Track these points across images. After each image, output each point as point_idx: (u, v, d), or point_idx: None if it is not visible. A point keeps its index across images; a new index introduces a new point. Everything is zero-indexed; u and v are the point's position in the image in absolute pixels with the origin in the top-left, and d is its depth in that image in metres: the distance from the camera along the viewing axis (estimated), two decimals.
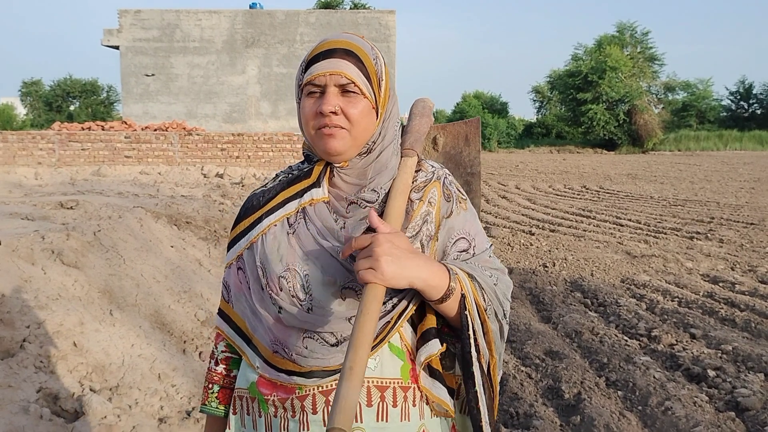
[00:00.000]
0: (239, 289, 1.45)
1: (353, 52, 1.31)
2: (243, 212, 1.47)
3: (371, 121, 1.33)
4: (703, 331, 5.47)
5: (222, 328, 1.49)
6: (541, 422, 3.87)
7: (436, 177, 1.42)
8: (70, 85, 50.32)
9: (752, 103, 54.70)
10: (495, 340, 1.32)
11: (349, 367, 1.10)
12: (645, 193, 17.33)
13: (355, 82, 1.29)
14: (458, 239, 1.39)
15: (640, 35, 46.47)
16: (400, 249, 1.18)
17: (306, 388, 1.32)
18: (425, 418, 1.35)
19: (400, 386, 1.32)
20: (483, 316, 1.30)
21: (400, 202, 1.32)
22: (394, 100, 1.41)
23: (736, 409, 3.99)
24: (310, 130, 1.33)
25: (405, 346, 1.34)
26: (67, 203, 6.76)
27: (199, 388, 3.99)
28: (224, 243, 7.23)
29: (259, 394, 1.39)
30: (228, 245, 1.50)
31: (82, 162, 16.28)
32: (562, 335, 5.57)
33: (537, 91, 54.82)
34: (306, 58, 1.35)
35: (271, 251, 1.36)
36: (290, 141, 16.96)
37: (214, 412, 1.52)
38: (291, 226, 1.37)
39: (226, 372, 1.52)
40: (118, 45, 25.58)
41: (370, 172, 1.35)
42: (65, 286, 4.23)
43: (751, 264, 8.16)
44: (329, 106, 1.28)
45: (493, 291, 1.33)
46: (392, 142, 1.39)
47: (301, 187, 1.39)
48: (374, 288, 1.16)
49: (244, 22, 25.79)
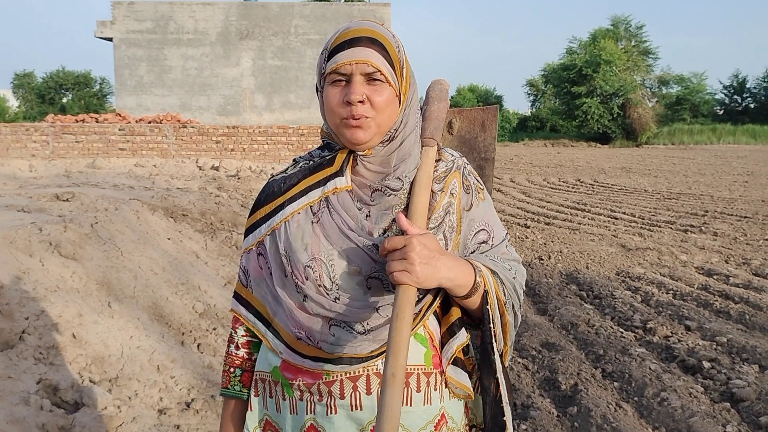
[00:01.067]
0: (260, 274, 1.46)
1: (378, 41, 1.31)
2: (263, 198, 1.47)
3: (395, 108, 1.34)
4: (698, 323, 5.51)
5: (240, 312, 1.50)
6: (538, 413, 3.90)
7: (456, 167, 1.44)
8: (62, 77, 50.00)
9: (746, 97, 54.81)
10: (510, 330, 1.39)
11: (391, 374, 1.15)
12: (639, 186, 17.39)
13: (381, 70, 1.30)
14: (478, 231, 1.43)
15: (634, 29, 46.48)
16: (431, 251, 1.23)
17: (333, 374, 1.35)
18: (444, 400, 1.39)
19: (423, 372, 1.37)
20: (502, 309, 1.36)
21: (423, 197, 1.34)
22: (415, 87, 1.41)
23: (731, 400, 4.03)
24: (336, 119, 1.33)
25: (428, 334, 1.39)
26: (62, 195, 6.74)
27: (197, 380, 4.00)
28: (220, 235, 7.23)
29: (283, 378, 1.41)
30: (246, 231, 1.50)
31: (76, 154, 16.22)
32: (558, 327, 5.60)
33: (531, 84, 54.77)
34: (329, 47, 1.34)
35: (296, 239, 1.37)
36: (285, 134, 16.93)
37: (238, 395, 1.52)
38: (315, 215, 1.37)
39: (248, 356, 1.52)
40: (112, 37, 25.42)
41: (393, 160, 1.36)
42: (63, 277, 4.23)
43: (745, 257, 8.22)
44: (357, 95, 1.28)
45: (512, 285, 1.39)
46: (414, 130, 1.40)
47: (324, 176, 1.39)
48: (407, 290, 1.21)
49: (238, 14, 25.67)
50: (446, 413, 1.39)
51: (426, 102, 1.58)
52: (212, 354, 4.49)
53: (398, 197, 1.35)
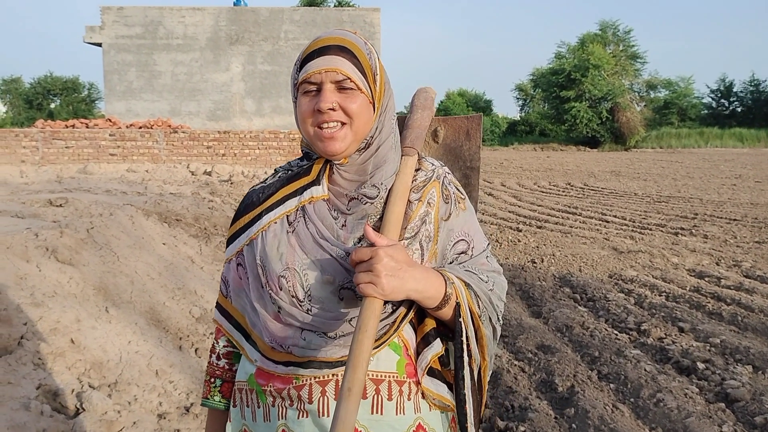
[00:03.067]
0: (239, 284, 1.46)
1: (347, 48, 1.31)
2: (243, 208, 1.47)
3: (369, 115, 1.34)
4: (691, 324, 5.56)
5: (221, 323, 1.51)
6: (536, 415, 3.92)
7: (436, 176, 1.43)
8: (50, 82, 49.79)
9: (732, 101, 55.35)
10: (488, 344, 1.37)
11: (347, 388, 1.13)
12: (629, 189, 17.49)
13: (350, 77, 1.29)
14: (457, 241, 1.41)
15: (622, 33, 46.85)
16: (398, 262, 1.22)
17: (303, 378, 1.33)
18: (422, 411, 1.37)
19: (395, 380, 1.35)
20: (477, 323, 1.34)
21: (399, 207, 1.33)
22: (390, 93, 1.41)
23: (726, 401, 4.08)
24: (308, 128, 1.33)
25: (403, 342, 1.37)
26: (56, 201, 6.71)
27: (196, 384, 4.00)
28: (215, 240, 7.22)
29: (257, 385, 1.40)
30: (227, 241, 1.50)
31: (66, 160, 16.14)
32: (553, 330, 5.63)
33: (520, 89, 55.07)
34: (300, 57, 1.34)
35: (271, 249, 1.37)
36: (276, 139, 16.93)
37: (216, 406, 1.53)
38: (291, 225, 1.37)
39: (228, 366, 1.53)
40: (101, 42, 25.35)
41: (369, 167, 1.36)
42: (60, 283, 4.23)
43: (736, 259, 8.29)
44: (327, 103, 1.28)
45: (488, 297, 1.37)
46: (390, 136, 1.39)
47: (301, 185, 1.39)
48: (372, 303, 1.20)
49: (228, 19, 25.67)
50: (424, 424, 1.37)
51: (410, 110, 1.58)
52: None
53: (374, 206, 1.35)
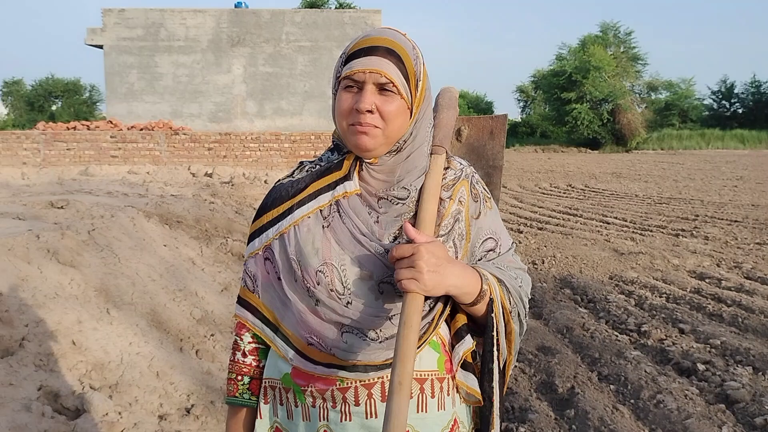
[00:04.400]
0: (267, 279, 1.44)
1: (395, 52, 1.31)
2: (270, 202, 1.45)
3: (404, 120, 1.34)
4: (692, 326, 5.56)
5: (246, 318, 1.48)
6: (536, 416, 3.93)
7: (464, 175, 1.45)
8: (52, 84, 49.84)
9: (734, 103, 55.34)
10: (515, 339, 1.41)
11: (398, 382, 1.15)
12: (630, 191, 17.49)
13: (393, 82, 1.30)
14: (486, 239, 1.44)
15: (623, 35, 46.83)
16: (438, 258, 1.24)
17: (347, 381, 1.34)
18: (456, 405, 1.41)
19: (436, 377, 1.38)
20: (507, 318, 1.38)
21: (432, 205, 1.35)
22: (429, 101, 1.41)
23: (726, 402, 4.08)
24: (344, 124, 1.34)
25: (440, 339, 1.40)
26: (57, 203, 6.73)
27: (197, 386, 4.01)
28: (216, 242, 7.23)
29: (294, 385, 1.40)
30: (251, 235, 1.48)
31: (68, 162, 16.15)
32: (554, 331, 5.64)
33: (521, 90, 55.12)
34: (347, 52, 1.35)
35: (306, 244, 1.36)
36: (277, 141, 16.93)
37: (247, 403, 1.50)
38: (325, 219, 1.37)
39: (256, 363, 1.50)
40: (102, 44, 25.37)
41: (399, 171, 1.36)
42: (62, 284, 4.24)
43: (736, 260, 8.29)
44: (366, 104, 1.29)
45: (518, 293, 1.41)
46: (423, 144, 1.40)
47: (333, 179, 1.39)
48: (415, 298, 1.22)
49: (229, 21, 25.68)
50: (458, 418, 1.41)
51: (435, 110, 1.58)
52: (210, 360, 4.50)
53: (406, 205, 1.36)
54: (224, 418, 3.75)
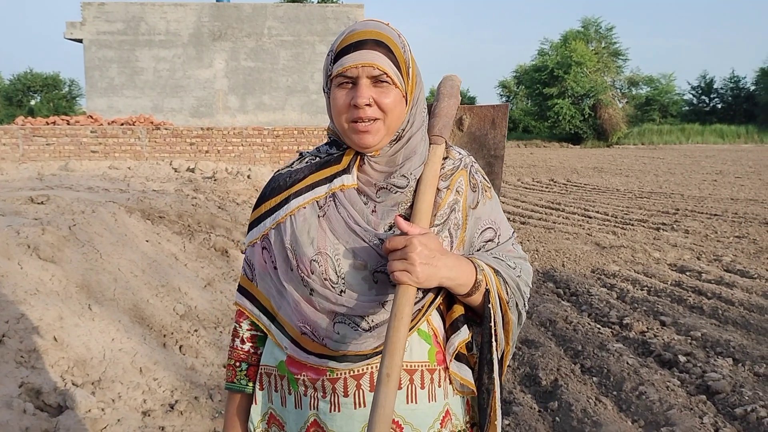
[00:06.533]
0: (264, 268, 1.46)
1: (384, 43, 1.32)
2: (268, 192, 1.46)
3: (402, 109, 1.35)
4: (673, 318, 5.62)
5: (244, 305, 1.50)
6: (520, 408, 3.95)
7: (463, 165, 1.45)
8: (31, 79, 49.24)
9: (713, 98, 55.90)
10: (513, 329, 1.40)
11: (386, 374, 1.15)
12: (611, 185, 17.63)
13: (387, 73, 1.30)
14: (485, 229, 1.44)
15: (604, 30, 47.13)
16: (431, 251, 1.24)
17: (337, 372, 1.35)
18: (448, 397, 1.41)
19: (427, 369, 1.38)
20: (504, 308, 1.37)
21: (428, 195, 1.35)
22: (421, 86, 1.42)
23: (707, 393, 4.13)
24: (343, 122, 1.34)
25: (432, 330, 1.40)
26: (37, 198, 6.64)
27: (181, 381, 3.98)
28: (199, 237, 7.18)
29: (289, 373, 1.41)
30: (250, 224, 1.49)
31: (48, 157, 15.97)
32: (537, 324, 5.67)
33: (504, 85, 55.23)
34: (335, 49, 1.34)
35: (302, 233, 1.37)
36: (260, 135, 16.85)
37: (245, 389, 1.52)
38: (321, 209, 1.38)
39: (253, 350, 1.52)
40: (82, 38, 25.08)
41: (400, 158, 1.37)
42: (43, 280, 4.19)
43: (716, 253, 8.39)
44: (364, 98, 1.29)
45: (516, 283, 1.40)
46: (420, 128, 1.41)
47: (332, 172, 1.40)
48: (407, 290, 1.22)
49: (210, 15, 25.49)
50: (450, 410, 1.41)
51: (436, 98, 1.58)
52: (194, 356, 4.48)
53: (404, 194, 1.37)
54: (208, 414, 3.74)
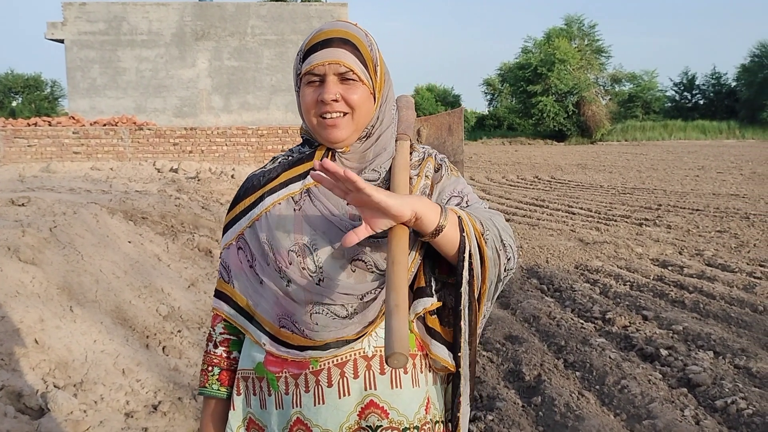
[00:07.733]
0: (240, 268, 1.46)
1: (350, 41, 1.35)
2: (242, 192, 1.48)
3: (370, 106, 1.38)
4: (655, 312, 5.67)
5: (221, 309, 1.50)
6: (504, 404, 3.97)
7: (428, 154, 1.51)
8: (12, 80, 48.73)
9: (695, 94, 56.28)
10: (489, 267, 1.35)
11: (394, 305, 1.13)
12: (595, 182, 17.74)
13: (353, 69, 1.34)
14: (450, 198, 1.45)
15: (587, 28, 47.29)
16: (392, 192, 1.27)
17: (321, 362, 1.36)
18: (429, 384, 1.43)
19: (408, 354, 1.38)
20: (480, 242, 1.33)
21: (403, 175, 1.39)
22: (390, 84, 1.46)
23: (688, 385, 4.17)
24: (312, 118, 1.38)
25: None
26: (18, 200, 6.58)
27: (164, 383, 3.97)
28: (182, 238, 7.15)
29: (268, 373, 1.42)
30: (225, 226, 1.51)
31: (29, 158, 15.82)
32: (521, 320, 5.70)
33: (488, 83, 55.31)
34: (303, 48, 1.38)
35: (278, 227, 1.38)
36: (244, 135, 16.79)
37: (216, 394, 1.52)
38: (297, 203, 1.39)
39: (226, 354, 1.52)
40: (63, 38, 24.86)
41: (370, 155, 1.41)
42: (23, 282, 4.16)
43: (698, 248, 8.47)
44: (330, 94, 1.33)
45: (490, 220, 1.38)
46: (390, 126, 1.44)
47: (305, 169, 1.42)
48: (400, 241, 1.21)
49: (193, 14, 25.35)
50: (430, 398, 1.42)
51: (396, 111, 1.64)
52: (178, 356, 4.46)
53: (377, 185, 1.39)
54: (192, 414, 3.73)
